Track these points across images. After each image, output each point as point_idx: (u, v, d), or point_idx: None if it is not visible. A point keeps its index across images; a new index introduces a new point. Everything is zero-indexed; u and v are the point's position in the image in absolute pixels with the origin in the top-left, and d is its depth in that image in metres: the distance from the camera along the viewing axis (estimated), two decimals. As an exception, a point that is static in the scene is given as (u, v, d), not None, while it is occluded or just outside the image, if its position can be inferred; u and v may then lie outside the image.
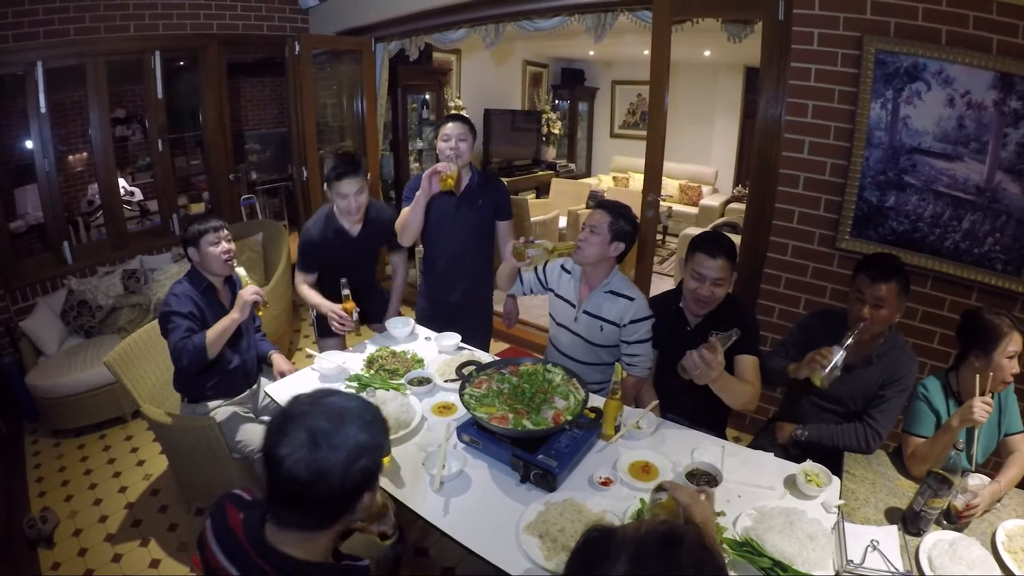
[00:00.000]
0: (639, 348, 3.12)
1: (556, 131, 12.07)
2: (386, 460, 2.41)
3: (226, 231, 3.30)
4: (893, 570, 2.03)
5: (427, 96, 8.79)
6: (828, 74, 3.82)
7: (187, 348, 3.04)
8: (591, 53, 11.36)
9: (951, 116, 3.62)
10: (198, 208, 7.14)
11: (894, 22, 3.62)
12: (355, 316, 3.54)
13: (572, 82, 12.58)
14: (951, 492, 2.24)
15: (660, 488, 1.81)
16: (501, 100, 10.86)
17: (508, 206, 3.91)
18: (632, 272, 5.19)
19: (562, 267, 3.36)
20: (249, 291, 3.10)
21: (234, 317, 3.06)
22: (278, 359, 3.65)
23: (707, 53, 9.72)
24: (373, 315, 4.06)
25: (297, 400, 1.53)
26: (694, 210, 10.58)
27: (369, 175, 4.59)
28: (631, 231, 3.10)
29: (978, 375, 2.54)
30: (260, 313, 3.27)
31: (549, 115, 11.92)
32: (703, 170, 11.39)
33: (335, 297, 3.64)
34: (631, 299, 3.11)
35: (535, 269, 3.43)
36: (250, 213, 7.22)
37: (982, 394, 2.47)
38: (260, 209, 7.58)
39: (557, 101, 12.54)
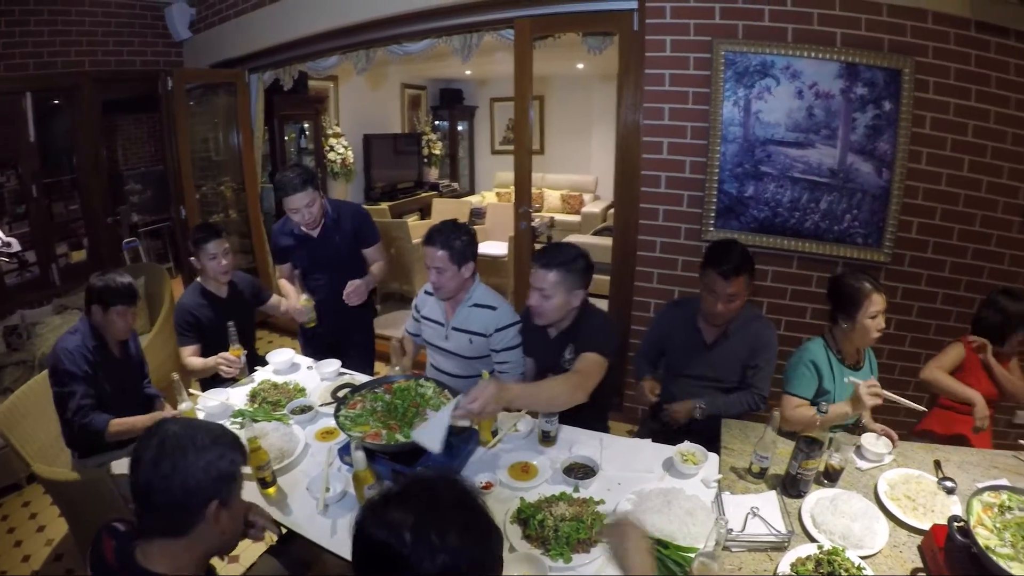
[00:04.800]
0: (508, 355, 3.19)
1: (437, 151, 12.11)
2: (271, 490, 2.45)
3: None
4: (775, 532, 2.15)
5: (305, 125, 8.68)
6: (682, 78, 4.02)
7: (88, 427, 3.02)
8: (467, 72, 11.46)
9: (801, 107, 3.90)
10: (79, 256, 6.86)
11: (742, 24, 3.87)
12: (243, 359, 3.49)
13: (451, 102, 12.63)
14: (822, 452, 2.39)
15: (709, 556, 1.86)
16: (381, 124, 10.82)
17: (369, 232, 3.96)
18: (512, 283, 5.33)
19: (426, 291, 3.39)
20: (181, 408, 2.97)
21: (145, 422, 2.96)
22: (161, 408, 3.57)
23: (580, 66, 9.96)
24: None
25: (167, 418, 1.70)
26: (577, 218, 10.79)
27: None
28: (468, 241, 3.11)
29: (857, 381, 2.71)
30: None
31: (429, 136, 11.95)
32: (583, 179, 11.68)
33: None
34: (494, 308, 3.19)
35: (414, 307, 3.52)
36: (133, 257, 7.01)
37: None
38: (144, 252, 7.37)
39: (437, 122, 12.56)
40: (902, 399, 2.68)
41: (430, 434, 2.21)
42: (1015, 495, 2.10)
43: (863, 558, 2.04)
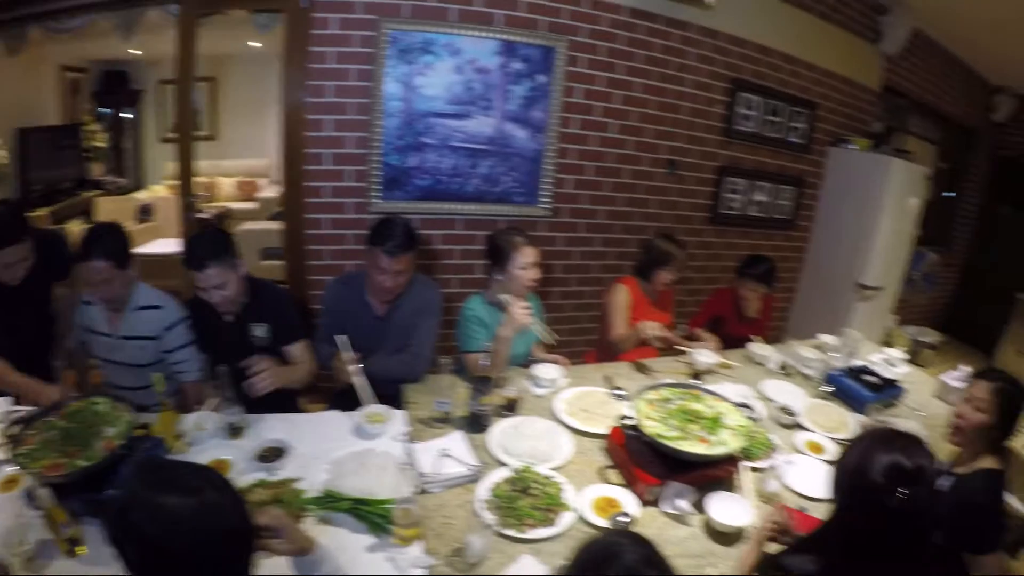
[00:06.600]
0: (182, 354, 3.06)
1: (100, 143, 10.76)
2: None
3: None
4: (467, 466, 2.40)
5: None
6: (347, 55, 4.09)
7: None
8: (136, 52, 10.51)
9: (460, 81, 4.22)
10: None
11: (408, 4, 4.06)
12: None
13: (115, 86, 11.41)
14: (492, 387, 2.73)
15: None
16: (38, 115, 9.40)
17: (61, 258, 3.38)
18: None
19: (83, 301, 3.06)
20: None
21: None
22: None
23: (255, 45, 9.59)
24: None
25: None
26: (253, 205, 10.33)
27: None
28: (125, 240, 2.89)
29: (505, 296, 3.10)
30: None
31: (91, 126, 10.59)
32: (259, 163, 11.28)
33: None
34: (159, 307, 3.00)
35: (75, 321, 3.15)
36: None
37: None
38: None
39: (101, 109, 11.24)
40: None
41: None
42: (673, 389, 2.60)
43: (555, 469, 2.38)
